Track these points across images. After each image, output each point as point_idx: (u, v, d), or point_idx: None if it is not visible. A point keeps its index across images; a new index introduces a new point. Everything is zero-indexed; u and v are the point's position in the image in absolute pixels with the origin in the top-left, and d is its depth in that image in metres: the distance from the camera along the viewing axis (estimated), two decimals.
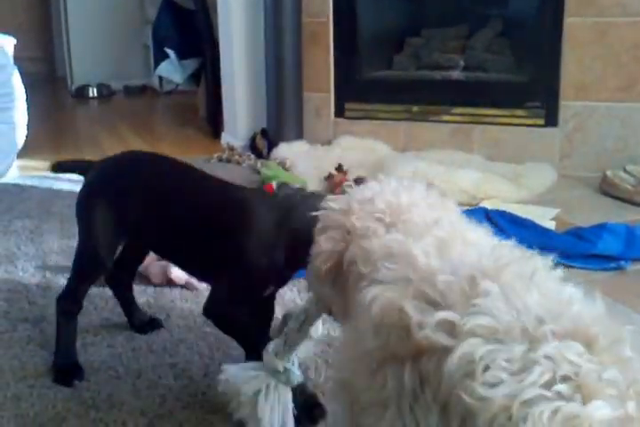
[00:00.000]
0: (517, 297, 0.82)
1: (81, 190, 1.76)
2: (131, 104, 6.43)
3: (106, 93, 6.60)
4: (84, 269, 1.76)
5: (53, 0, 7.29)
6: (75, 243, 1.79)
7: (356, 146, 3.65)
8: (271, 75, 3.77)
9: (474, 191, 3.02)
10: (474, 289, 0.84)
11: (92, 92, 6.57)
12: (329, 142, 3.77)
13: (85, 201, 1.73)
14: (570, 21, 3.28)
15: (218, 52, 4.24)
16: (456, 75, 3.70)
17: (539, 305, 0.82)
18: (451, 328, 0.81)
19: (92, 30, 6.59)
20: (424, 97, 3.67)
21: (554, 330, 0.78)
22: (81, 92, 6.58)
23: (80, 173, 1.81)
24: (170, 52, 4.55)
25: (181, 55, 4.59)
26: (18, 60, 3.47)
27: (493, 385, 0.74)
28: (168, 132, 5.03)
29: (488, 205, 2.87)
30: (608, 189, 3.14)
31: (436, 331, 0.82)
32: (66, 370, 1.72)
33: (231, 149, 4.02)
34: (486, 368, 0.75)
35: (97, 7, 6.57)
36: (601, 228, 2.53)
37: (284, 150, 3.66)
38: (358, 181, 3.01)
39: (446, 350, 0.79)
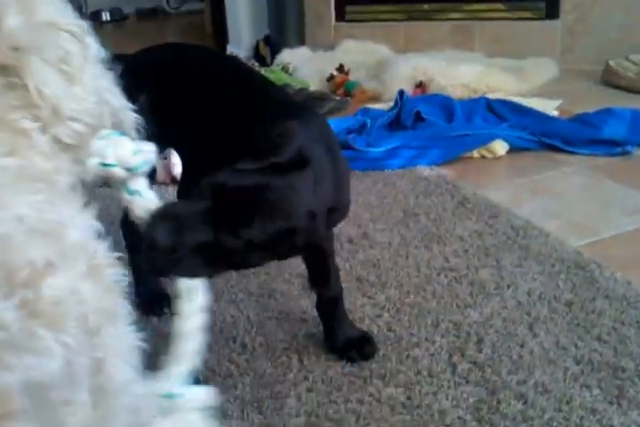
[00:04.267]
0: None
1: None
2: (143, 27, 6.10)
3: (118, 17, 6.26)
4: None
5: None
6: None
7: (358, 49, 3.37)
8: None
9: (475, 85, 2.76)
10: None
11: (106, 16, 6.23)
12: (331, 47, 3.48)
13: None
14: None
15: None
16: None
17: None
18: None
19: None
20: None
21: None
22: (95, 17, 6.23)
23: None
24: None
25: None
26: None
27: None
28: None
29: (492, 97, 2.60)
30: (611, 79, 2.86)
31: None
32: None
33: None
34: None
35: None
36: (606, 113, 2.28)
37: (287, 56, 3.41)
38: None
39: None
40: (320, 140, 1.09)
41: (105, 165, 0.93)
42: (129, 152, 0.94)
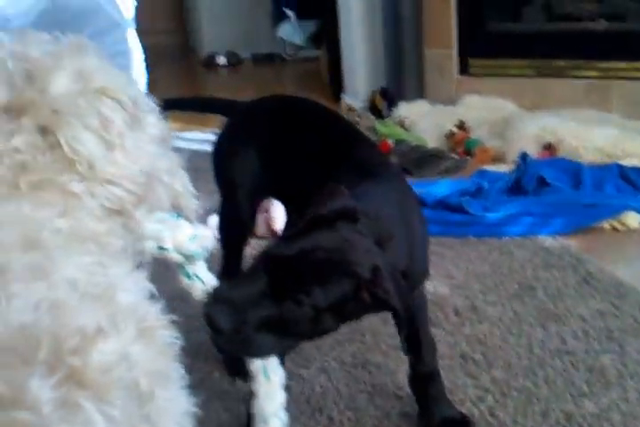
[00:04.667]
0: None
1: (223, 134, 1.51)
2: (258, 72, 6.37)
3: (234, 62, 6.58)
4: (233, 236, 1.50)
5: None
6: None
7: (482, 105, 3.39)
8: (389, 31, 3.56)
9: (610, 149, 2.71)
10: None
11: (222, 60, 6.56)
12: (452, 101, 3.52)
13: (229, 147, 1.47)
14: None
15: (337, 11, 4.07)
16: (591, 25, 3.34)
17: None
18: None
19: None
20: (555, 51, 3.33)
21: None
22: (210, 61, 6.58)
23: (222, 113, 1.60)
24: (289, 12, 4.43)
25: (300, 15, 4.45)
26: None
27: None
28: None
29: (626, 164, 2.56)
30: None
31: None
32: None
33: (351, 110, 3.85)
34: None
35: None
36: None
37: (405, 110, 3.47)
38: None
39: None
40: (391, 200, 1.16)
41: (162, 248, 1.00)
42: (186, 237, 1.01)
